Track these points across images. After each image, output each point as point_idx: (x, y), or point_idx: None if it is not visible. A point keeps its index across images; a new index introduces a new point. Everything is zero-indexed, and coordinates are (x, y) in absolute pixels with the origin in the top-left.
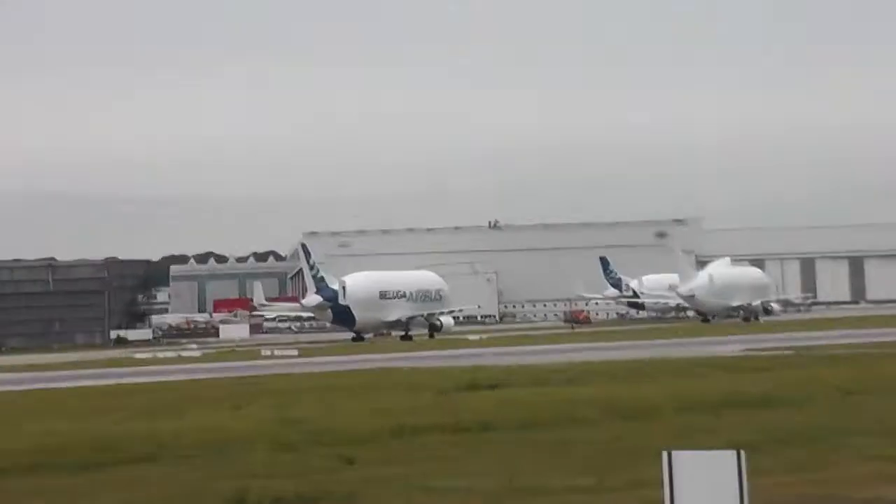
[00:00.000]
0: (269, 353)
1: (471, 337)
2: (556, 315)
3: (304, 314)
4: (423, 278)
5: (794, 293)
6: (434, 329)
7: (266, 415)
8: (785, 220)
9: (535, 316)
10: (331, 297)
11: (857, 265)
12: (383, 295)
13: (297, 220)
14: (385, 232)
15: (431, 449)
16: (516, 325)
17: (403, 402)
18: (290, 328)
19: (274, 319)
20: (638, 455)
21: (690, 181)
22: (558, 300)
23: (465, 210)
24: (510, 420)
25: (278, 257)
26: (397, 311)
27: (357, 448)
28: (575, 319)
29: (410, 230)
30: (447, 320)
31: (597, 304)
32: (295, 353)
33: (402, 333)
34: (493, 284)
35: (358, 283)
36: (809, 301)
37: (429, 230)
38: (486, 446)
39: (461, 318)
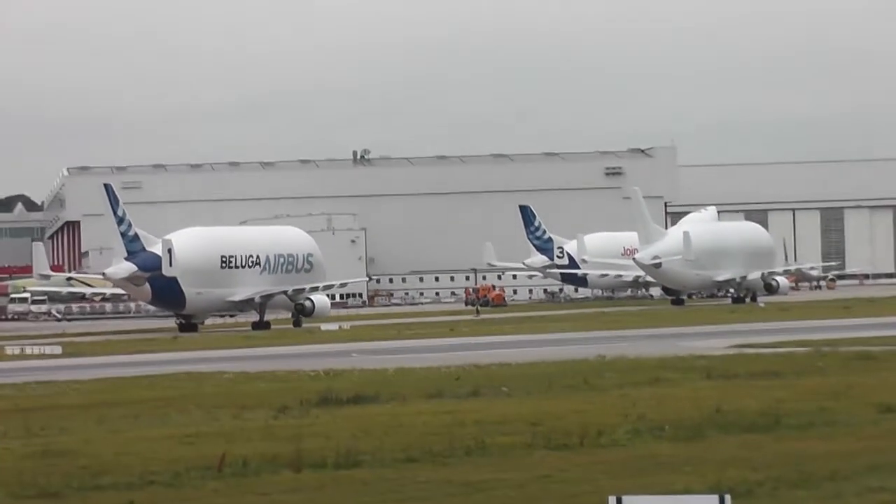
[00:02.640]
0: (17, 350)
1: (325, 327)
2: (454, 293)
3: (107, 290)
4: (286, 238)
5: (812, 261)
6: (302, 312)
7: (13, 444)
8: (799, 151)
9: (421, 295)
10: (150, 265)
11: None
12: (227, 262)
13: (55, 149)
14: (194, 167)
15: (254, 496)
16: (394, 310)
17: (220, 425)
18: (49, 313)
19: (26, 300)
20: None
21: (657, 95)
22: (457, 272)
23: (318, 136)
24: (383, 451)
25: (30, 205)
26: (248, 287)
27: (150, 494)
28: (482, 300)
29: (233, 165)
30: (321, 300)
31: (515, 277)
32: (58, 350)
33: (255, 320)
34: (359, 248)
35: (189, 244)
36: (833, 273)
37: (264, 165)
38: (343, 493)
39: None
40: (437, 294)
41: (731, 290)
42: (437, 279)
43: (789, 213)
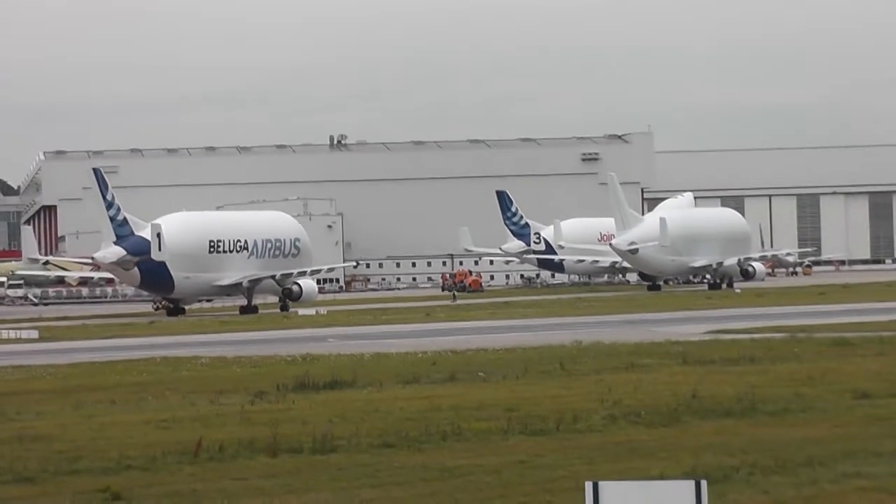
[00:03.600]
0: None
1: (302, 312)
2: (430, 279)
3: (94, 274)
4: (273, 223)
5: (788, 247)
6: (289, 296)
7: None
8: (775, 137)
9: (398, 280)
10: (138, 250)
11: (882, 205)
12: (215, 246)
13: (31, 133)
14: (171, 152)
15: (230, 481)
16: (371, 295)
17: (196, 410)
18: (26, 297)
19: (2, 285)
20: (554, 491)
21: (634, 81)
22: (434, 257)
23: (295, 121)
24: (359, 436)
25: (7, 189)
26: (236, 272)
27: (126, 479)
28: (458, 285)
29: (210, 150)
30: (308, 285)
31: (492, 262)
32: (34, 334)
33: (243, 305)
34: (336, 233)
35: (177, 229)
36: (809, 259)
37: (240, 150)
38: (319, 478)
39: None
40: (414, 279)
41: (708, 276)
42: (413, 264)
43: (765, 200)
